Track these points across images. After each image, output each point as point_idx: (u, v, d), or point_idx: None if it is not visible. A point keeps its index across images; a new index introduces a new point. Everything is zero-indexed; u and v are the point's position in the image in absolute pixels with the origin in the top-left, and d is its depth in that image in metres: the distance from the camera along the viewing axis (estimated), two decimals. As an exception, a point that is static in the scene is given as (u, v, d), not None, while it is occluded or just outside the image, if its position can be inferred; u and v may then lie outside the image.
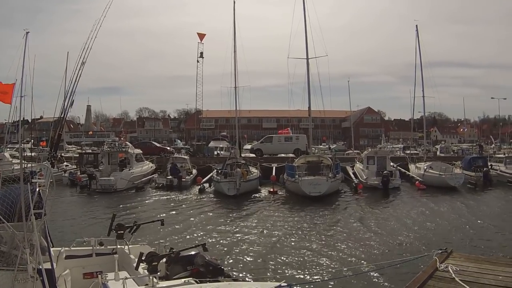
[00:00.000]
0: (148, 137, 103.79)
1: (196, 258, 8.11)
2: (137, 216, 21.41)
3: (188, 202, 28.30)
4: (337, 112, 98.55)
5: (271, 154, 49.64)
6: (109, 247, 8.70)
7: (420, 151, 58.14)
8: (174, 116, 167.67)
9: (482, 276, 8.80)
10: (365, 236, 18.33)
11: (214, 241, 16.87)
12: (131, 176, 34.74)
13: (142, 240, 12.09)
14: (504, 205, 27.60)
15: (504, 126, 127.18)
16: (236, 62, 40.62)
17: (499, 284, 8.37)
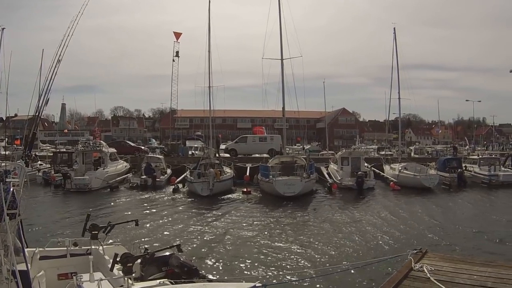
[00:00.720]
0: (122, 136, 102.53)
1: (171, 259, 8.06)
2: (111, 216, 21.20)
3: (162, 202, 28.14)
4: (312, 113, 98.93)
5: (246, 154, 49.59)
6: (84, 248, 8.60)
7: (395, 152, 58.64)
8: (149, 116, 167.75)
9: (457, 276, 8.87)
10: (339, 236, 18.38)
11: (189, 242, 16.77)
12: (106, 175, 34.41)
13: (117, 240, 11.95)
14: (478, 206, 28.05)
15: (478, 128, 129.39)
16: (210, 62, 40.40)
17: (474, 284, 8.44)
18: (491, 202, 29.92)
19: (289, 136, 50.04)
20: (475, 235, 18.88)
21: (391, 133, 75.69)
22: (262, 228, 20.10)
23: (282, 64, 38.07)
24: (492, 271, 9.21)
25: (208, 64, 40.34)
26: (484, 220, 22.86)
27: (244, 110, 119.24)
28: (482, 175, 39.15)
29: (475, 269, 9.39)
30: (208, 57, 40.41)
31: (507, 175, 39.06)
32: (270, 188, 30.07)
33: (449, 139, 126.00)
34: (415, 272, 9.10)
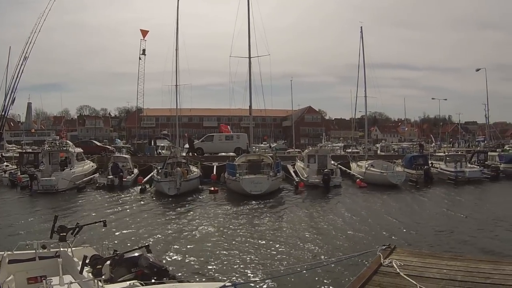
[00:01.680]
0: (89, 136, 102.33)
1: (140, 259, 7.98)
2: (79, 218, 21.00)
3: (129, 203, 27.84)
4: (279, 111, 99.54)
5: (212, 153, 49.48)
6: (52, 250, 8.45)
7: (361, 150, 59.27)
8: (115, 114, 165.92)
9: (426, 270, 8.95)
10: (307, 234, 18.43)
11: (157, 242, 16.63)
12: (73, 176, 33.90)
13: (85, 242, 11.77)
14: (445, 202, 28.53)
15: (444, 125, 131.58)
16: (178, 60, 40.21)
17: (444, 277, 8.53)
18: (458, 198, 30.42)
19: (256, 135, 50.21)
20: (443, 230, 19.16)
21: (357, 131, 76.49)
22: (230, 227, 20.04)
23: (250, 63, 38.17)
24: (461, 265, 9.35)
25: (176, 63, 40.21)
26: (451, 215, 23.32)
27: (210, 109, 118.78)
28: (449, 171, 40.04)
29: (444, 263, 9.51)
30: (176, 56, 40.27)
31: (473, 171, 40.04)
32: (237, 187, 30.14)
33: (415, 136, 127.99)
34: (384, 267, 9.13)
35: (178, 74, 40.33)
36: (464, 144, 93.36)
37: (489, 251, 14.92)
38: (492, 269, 9.02)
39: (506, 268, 9.13)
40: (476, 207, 26.36)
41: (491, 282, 8.29)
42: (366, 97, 47.69)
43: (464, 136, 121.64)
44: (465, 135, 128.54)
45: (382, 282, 8.38)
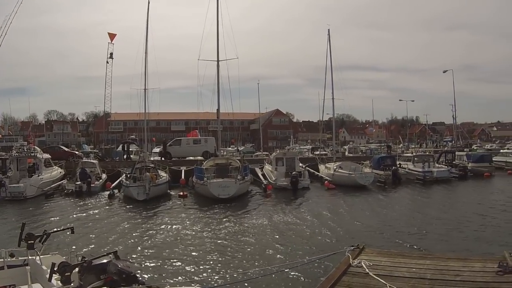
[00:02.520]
0: (56, 141, 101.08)
1: (108, 266, 7.81)
2: (47, 225, 20.72)
3: (98, 208, 27.44)
4: (246, 114, 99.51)
5: (180, 157, 49.21)
6: (21, 258, 8.26)
7: (329, 151, 59.62)
8: (83, 119, 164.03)
9: (395, 269, 9.03)
10: (276, 236, 18.42)
11: (126, 248, 16.45)
12: (41, 182, 33.19)
13: (54, 249, 11.54)
14: (413, 202, 29.07)
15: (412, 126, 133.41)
16: (146, 64, 39.88)
17: (413, 276, 8.61)
18: (426, 198, 30.95)
19: (224, 138, 50.12)
20: (412, 230, 19.32)
21: (325, 133, 77.07)
22: (199, 231, 19.95)
23: (218, 66, 37.98)
24: (430, 263, 9.45)
25: (145, 66, 39.82)
26: (419, 215, 23.61)
27: (178, 113, 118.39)
28: (417, 172, 40.71)
29: (413, 262, 9.62)
30: (145, 59, 39.88)
31: (440, 171, 40.80)
32: (205, 191, 30.01)
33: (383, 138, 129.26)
34: (353, 268, 9.17)
35: (146, 78, 40.04)
36: (432, 144, 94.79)
37: (458, 249, 15.06)
38: (461, 266, 9.15)
39: (475, 265, 9.27)
40: (444, 206, 26.78)
41: (460, 279, 8.38)
42: (334, 99, 47.92)
43: (432, 137, 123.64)
44: (433, 136, 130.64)
45: (351, 283, 8.41)
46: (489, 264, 9.23)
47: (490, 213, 23.62)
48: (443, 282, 8.31)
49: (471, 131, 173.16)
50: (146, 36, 40.30)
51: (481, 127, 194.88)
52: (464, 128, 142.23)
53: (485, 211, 24.32)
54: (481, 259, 10.00)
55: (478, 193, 32.88)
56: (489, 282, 8.20)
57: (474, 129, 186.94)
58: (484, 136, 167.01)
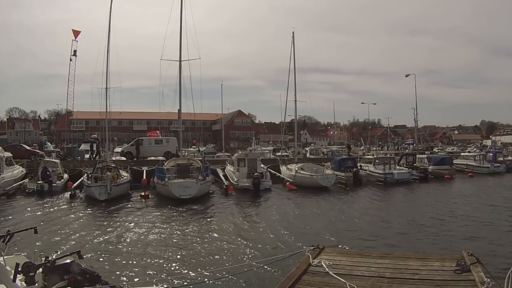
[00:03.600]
0: (18, 140, 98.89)
1: (72, 266, 7.73)
2: (10, 224, 20.39)
3: (60, 208, 27.03)
4: (208, 115, 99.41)
5: (142, 157, 48.83)
6: None
7: (291, 153, 59.94)
8: (45, 117, 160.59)
9: (355, 269, 9.15)
10: (237, 237, 18.41)
11: (89, 248, 16.28)
12: (2, 181, 32.42)
13: (17, 249, 11.32)
14: (373, 203, 29.52)
15: (373, 129, 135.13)
16: (108, 63, 39.28)
17: (373, 275, 8.72)
18: (386, 199, 31.61)
19: (185, 139, 49.96)
20: (372, 230, 19.67)
21: (287, 135, 77.44)
22: (161, 231, 19.87)
23: (180, 66, 37.83)
24: (390, 263, 9.61)
25: (107, 65, 39.26)
26: (379, 216, 24.10)
27: (140, 112, 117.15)
28: (377, 173, 41.37)
29: (373, 261, 9.76)
30: (107, 57, 39.38)
31: (401, 173, 41.54)
32: (167, 191, 29.94)
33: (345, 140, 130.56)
34: (313, 267, 9.23)
35: (108, 76, 39.42)
36: (393, 147, 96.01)
37: (418, 248, 15.41)
38: (420, 266, 9.33)
39: (434, 264, 9.47)
40: (404, 208, 27.40)
41: (419, 277, 8.54)
42: (296, 101, 48.25)
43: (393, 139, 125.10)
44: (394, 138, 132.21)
45: (311, 282, 8.46)
46: (447, 263, 9.45)
47: (449, 214, 24.25)
48: (402, 280, 8.44)
49: (433, 134, 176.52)
50: (108, 34, 39.65)
51: (442, 130, 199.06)
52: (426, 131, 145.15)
53: (444, 212, 24.91)
54: (439, 258, 10.19)
55: (438, 195, 33.62)
56: (447, 280, 8.37)
57: (436, 132, 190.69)
58: (445, 139, 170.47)
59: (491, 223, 21.24)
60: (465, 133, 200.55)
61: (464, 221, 21.99)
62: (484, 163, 54.64)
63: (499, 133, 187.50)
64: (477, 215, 23.57)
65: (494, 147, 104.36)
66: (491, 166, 53.25)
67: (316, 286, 8.27)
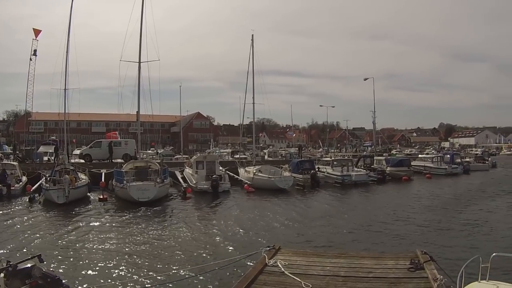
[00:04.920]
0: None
1: (33, 270, 7.71)
2: None
3: (19, 212, 26.45)
4: (167, 117, 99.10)
5: (100, 159, 48.26)
6: None
7: (249, 155, 60.15)
8: (3, 118, 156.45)
9: (310, 268, 9.37)
10: (195, 239, 18.54)
11: (49, 252, 15.99)
12: None
13: None
14: (331, 204, 29.83)
15: (332, 131, 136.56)
16: (68, 63, 38.62)
17: (328, 274, 8.94)
18: (344, 201, 32.04)
19: (144, 141, 49.58)
20: (328, 231, 20.00)
21: (246, 137, 77.59)
22: (120, 234, 19.75)
23: (140, 67, 37.42)
24: (344, 262, 9.88)
25: (66, 65, 38.66)
26: (336, 217, 24.46)
27: (99, 114, 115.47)
28: (335, 175, 41.87)
29: (328, 261, 10.00)
30: (66, 58, 38.73)
31: (359, 175, 42.14)
32: (125, 194, 29.73)
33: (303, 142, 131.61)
34: (269, 267, 9.42)
35: (67, 77, 38.87)
36: (351, 149, 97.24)
37: (373, 248, 15.85)
38: (374, 264, 9.60)
39: (388, 262, 9.75)
40: (361, 209, 27.91)
41: (373, 276, 8.80)
42: (255, 103, 48.61)
43: (352, 142, 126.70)
44: (353, 141, 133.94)
45: (267, 281, 8.64)
46: (401, 261, 9.73)
47: (405, 214, 24.88)
48: (357, 279, 8.68)
49: (392, 137, 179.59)
50: (68, 34, 39.06)
51: (401, 133, 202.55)
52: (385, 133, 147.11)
53: (400, 212, 25.53)
54: (394, 257, 10.49)
55: (395, 196, 34.41)
56: (400, 278, 8.65)
57: (395, 135, 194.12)
58: (404, 142, 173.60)
59: (445, 222, 21.90)
60: (424, 136, 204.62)
61: (419, 220, 22.59)
62: (442, 165, 55.74)
63: (457, 135, 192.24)
64: (432, 215, 24.31)
65: (452, 149, 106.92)
66: (448, 168, 54.49)
67: (272, 285, 8.45)
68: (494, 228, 20.49)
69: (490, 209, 26.45)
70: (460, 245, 16.63)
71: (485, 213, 24.83)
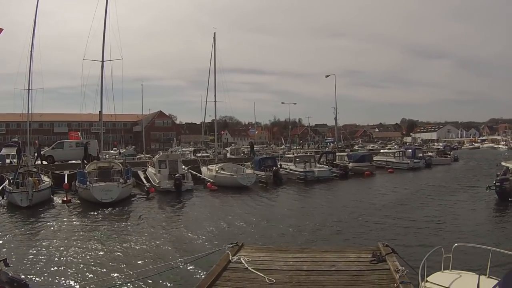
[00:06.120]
0: None
1: None
2: None
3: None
4: (129, 116, 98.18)
5: (63, 160, 47.55)
6: None
7: (211, 153, 60.17)
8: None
9: (273, 263, 9.52)
10: (159, 238, 18.49)
11: (14, 256, 15.81)
12: None
13: None
14: (293, 201, 30.34)
15: (294, 128, 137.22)
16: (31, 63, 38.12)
17: (291, 268, 9.12)
18: (307, 197, 32.41)
19: (106, 141, 49.17)
20: (291, 227, 20.15)
21: (208, 135, 77.62)
22: (84, 236, 19.58)
23: (102, 67, 37.20)
24: (307, 256, 10.06)
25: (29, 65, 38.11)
26: (299, 212, 24.76)
27: (61, 114, 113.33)
28: (298, 172, 42.21)
29: (291, 256, 10.19)
30: (30, 57, 38.15)
31: (322, 171, 42.59)
32: (88, 195, 29.41)
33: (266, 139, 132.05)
34: (233, 264, 9.54)
35: (31, 77, 38.36)
36: (314, 145, 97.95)
37: (336, 242, 16.08)
38: (337, 258, 9.79)
39: (350, 256, 9.96)
40: (323, 204, 28.23)
41: (336, 269, 8.99)
42: (216, 101, 48.86)
43: (314, 138, 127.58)
44: (315, 137, 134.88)
45: (231, 278, 8.75)
46: (363, 254, 9.94)
47: (367, 208, 25.24)
48: (319, 272, 8.85)
49: (354, 133, 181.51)
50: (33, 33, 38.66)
51: (363, 128, 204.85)
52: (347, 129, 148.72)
53: (362, 207, 25.90)
54: (356, 250, 10.72)
55: (357, 191, 34.82)
56: (363, 270, 8.85)
57: (357, 131, 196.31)
58: (366, 137, 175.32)
59: (407, 216, 22.34)
60: (386, 131, 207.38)
61: (381, 214, 23.04)
62: (404, 159, 56.70)
63: (419, 130, 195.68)
64: (394, 209, 24.73)
65: (413, 144, 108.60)
66: (410, 162, 55.37)
67: (236, 281, 8.55)
68: (454, 220, 21.12)
69: (450, 202, 27.11)
70: (422, 238, 17.02)
71: (445, 206, 25.43)
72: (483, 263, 7.50)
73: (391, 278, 8.22)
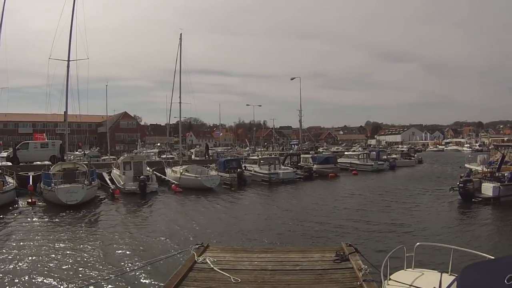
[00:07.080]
0: None
1: None
2: None
3: None
4: (94, 117, 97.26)
5: (27, 161, 46.89)
6: None
7: (176, 155, 60.06)
8: None
9: (238, 263, 9.71)
10: (124, 240, 18.45)
11: None
12: None
13: None
14: (258, 202, 30.54)
15: (259, 130, 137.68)
16: None
17: (256, 268, 9.32)
18: (271, 198, 32.66)
19: (71, 141, 48.65)
20: (255, 228, 20.37)
21: (173, 137, 77.37)
22: (49, 239, 19.28)
23: (68, 66, 36.82)
24: (272, 256, 10.28)
25: None
26: (263, 214, 25.08)
27: (26, 114, 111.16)
28: (262, 173, 42.44)
29: (256, 256, 10.40)
30: None
31: (286, 172, 42.94)
32: (53, 197, 29.00)
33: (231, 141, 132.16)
34: (199, 264, 9.69)
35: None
36: (278, 147, 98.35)
37: (300, 243, 16.25)
38: (301, 257, 10.02)
39: (314, 255, 10.21)
40: (287, 205, 28.49)
41: (300, 268, 9.21)
42: (181, 102, 48.89)
43: (279, 140, 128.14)
44: (279, 139, 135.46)
45: (197, 278, 8.89)
46: (327, 254, 10.19)
47: (330, 209, 25.76)
48: (284, 272, 9.04)
49: (318, 135, 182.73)
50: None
51: (328, 131, 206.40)
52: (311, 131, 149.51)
53: (326, 208, 26.41)
54: (320, 250, 10.98)
55: (321, 193, 35.04)
56: (327, 269, 9.08)
57: (321, 133, 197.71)
58: (330, 140, 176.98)
59: (370, 217, 22.76)
60: (351, 134, 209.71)
61: (344, 216, 23.36)
62: (368, 161, 57.64)
63: (383, 133, 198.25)
64: (357, 210, 25.15)
65: (378, 146, 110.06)
66: (374, 164, 56.31)
67: (202, 281, 8.69)
68: (418, 221, 21.58)
69: (414, 203, 27.76)
70: (385, 238, 17.39)
71: (409, 208, 26.04)
72: (445, 261, 7.72)
73: (355, 276, 8.47)
